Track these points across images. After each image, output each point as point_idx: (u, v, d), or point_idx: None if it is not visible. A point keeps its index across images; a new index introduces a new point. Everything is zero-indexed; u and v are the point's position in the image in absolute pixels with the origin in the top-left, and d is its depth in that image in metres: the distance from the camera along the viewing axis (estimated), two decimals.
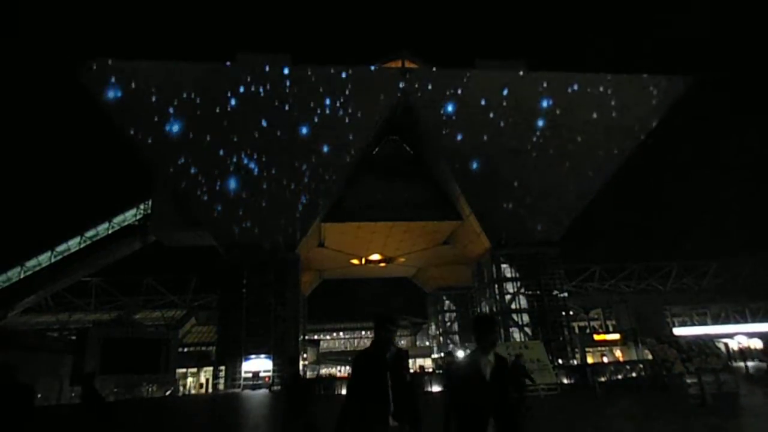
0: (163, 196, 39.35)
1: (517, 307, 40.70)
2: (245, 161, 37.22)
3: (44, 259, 43.61)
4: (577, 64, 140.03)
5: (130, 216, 44.31)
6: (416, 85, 38.68)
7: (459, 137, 38.93)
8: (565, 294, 42.16)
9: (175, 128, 36.33)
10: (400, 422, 3.52)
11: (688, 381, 14.91)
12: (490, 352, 3.51)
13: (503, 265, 41.21)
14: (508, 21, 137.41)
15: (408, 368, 3.94)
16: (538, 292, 40.29)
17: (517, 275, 41.14)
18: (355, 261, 52.02)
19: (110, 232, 43.90)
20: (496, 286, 41.10)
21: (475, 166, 39.12)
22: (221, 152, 36.90)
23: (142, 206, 43.87)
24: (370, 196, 41.25)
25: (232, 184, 37.27)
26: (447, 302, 59.90)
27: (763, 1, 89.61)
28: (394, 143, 45.46)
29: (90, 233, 43.76)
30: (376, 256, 51.57)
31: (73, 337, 35.93)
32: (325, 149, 37.82)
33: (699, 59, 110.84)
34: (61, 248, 43.61)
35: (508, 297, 40.94)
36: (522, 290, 41.04)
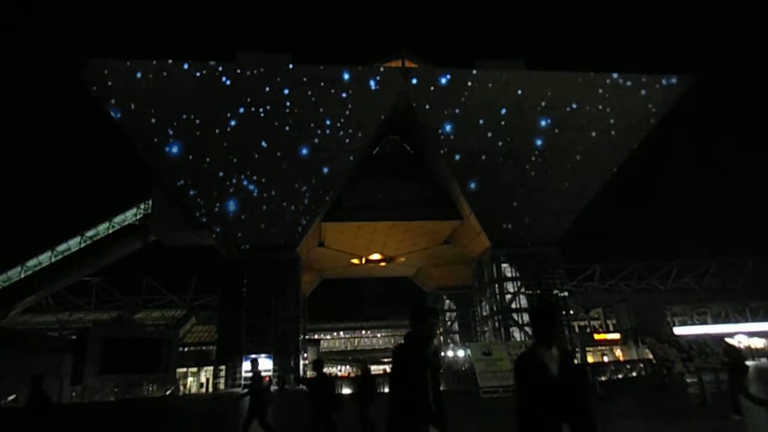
0: (163, 196, 39.36)
1: (518, 306, 40.70)
2: (246, 165, 37.23)
3: (44, 258, 43.58)
4: (577, 64, 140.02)
5: (130, 215, 44.28)
6: (417, 85, 38.70)
7: (459, 137, 38.95)
8: (566, 293, 42.20)
9: (176, 134, 36.37)
10: (438, 427, 3.20)
11: (689, 380, 14.90)
12: (553, 345, 3.07)
13: (503, 265, 41.23)
14: (508, 21, 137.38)
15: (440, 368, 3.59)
16: (538, 291, 40.30)
17: (518, 275, 41.15)
18: (355, 261, 52.04)
19: (110, 231, 43.88)
20: (497, 285, 41.12)
21: (475, 165, 39.14)
22: (221, 164, 36.98)
23: (142, 206, 43.85)
24: (370, 196, 41.29)
25: (232, 187, 37.30)
26: (447, 302, 59.90)
27: (764, 1, 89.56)
28: (394, 143, 45.49)
29: (90, 233, 43.73)
30: (376, 256, 51.59)
31: (74, 337, 35.91)
32: (326, 150, 37.83)
33: (699, 59, 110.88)
34: (61, 248, 43.58)
35: (508, 296, 40.96)
36: (522, 290, 41.04)
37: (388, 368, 54.60)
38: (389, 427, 3.17)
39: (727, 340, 11.03)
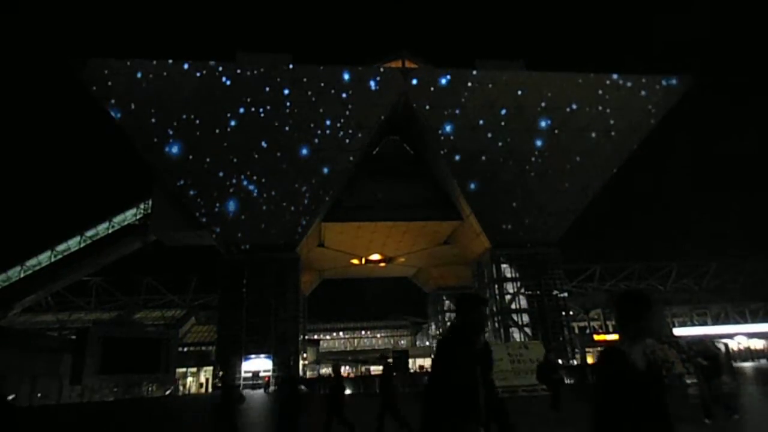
0: (163, 196, 39.37)
1: (517, 307, 40.69)
2: (246, 165, 37.23)
3: (44, 258, 43.58)
4: (577, 65, 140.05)
5: (130, 215, 44.29)
6: (417, 85, 38.71)
7: (459, 137, 38.95)
8: (565, 294, 42.16)
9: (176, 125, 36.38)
10: (502, 429, 2.82)
11: (688, 381, 14.90)
12: (640, 342, 2.67)
13: (503, 265, 41.22)
14: (508, 21, 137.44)
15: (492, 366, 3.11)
16: (538, 292, 40.29)
17: (517, 275, 41.14)
18: (355, 261, 52.02)
19: (110, 231, 43.87)
20: (496, 286, 41.10)
21: (475, 166, 39.13)
22: (221, 164, 36.98)
23: (142, 206, 43.86)
24: (370, 196, 41.27)
25: (232, 187, 37.30)
26: (447, 302, 59.87)
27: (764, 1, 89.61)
28: (394, 143, 45.48)
29: (90, 233, 43.74)
30: (376, 256, 51.57)
31: (73, 337, 35.92)
32: (326, 150, 37.84)
33: (699, 59, 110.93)
34: (61, 248, 43.58)
35: (508, 297, 40.94)
36: (522, 290, 41.02)
37: None
38: (429, 429, 2.84)
39: (709, 341, 10.97)
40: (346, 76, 38.35)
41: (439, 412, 2.79)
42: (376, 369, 57.59)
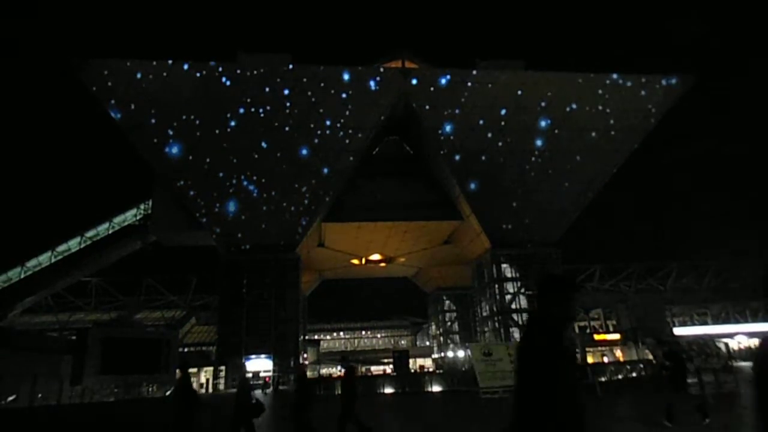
0: (163, 197, 39.38)
1: (518, 307, 40.69)
2: (246, 165, 37.24)
3: (44, 259, 43.56)
4: (577, 65, 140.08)
5: (130, 216, 44.28)
6: (417, 85, 38.72)
7: (459, 137, 38.96)
8: None
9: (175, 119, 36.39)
10: None
11: (689, 381, 14.89)
12: None
13: (503, 265, 41.23)
14: (508, 21, 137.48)
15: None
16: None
17: (517, 275, 41.14)
18: (355, 261, 52.04)
19: (110, 232, 43.86)
20: (497, 286, 41.12)
21: (475, 166, 39.14)
22: (221, 164, 37.00)
23: (142, 206, 43.85)
24: (371, 196, 41.30)
25: (232, 187, 37.30)
26: (447, 302, 59.90)
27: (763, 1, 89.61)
28: (394, 143, 45.50)
29: (90, 233, 43.72)
30: (376, 256, 51.57)
31: (73, 337, 35.87)
32: (326, 150, 37.85)
33: (699, 59, 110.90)
34: (61, 248, 43.57)
35: (508, 297, 40.95)
36: (522, 290, 41.03)
37: (388, 369, 54.54)
38: None
39: (685, 341, 10.98)
40: (346, 77, 38.36)
41: (533, 422, 2.20)
42: (377, 369, 57.60)
